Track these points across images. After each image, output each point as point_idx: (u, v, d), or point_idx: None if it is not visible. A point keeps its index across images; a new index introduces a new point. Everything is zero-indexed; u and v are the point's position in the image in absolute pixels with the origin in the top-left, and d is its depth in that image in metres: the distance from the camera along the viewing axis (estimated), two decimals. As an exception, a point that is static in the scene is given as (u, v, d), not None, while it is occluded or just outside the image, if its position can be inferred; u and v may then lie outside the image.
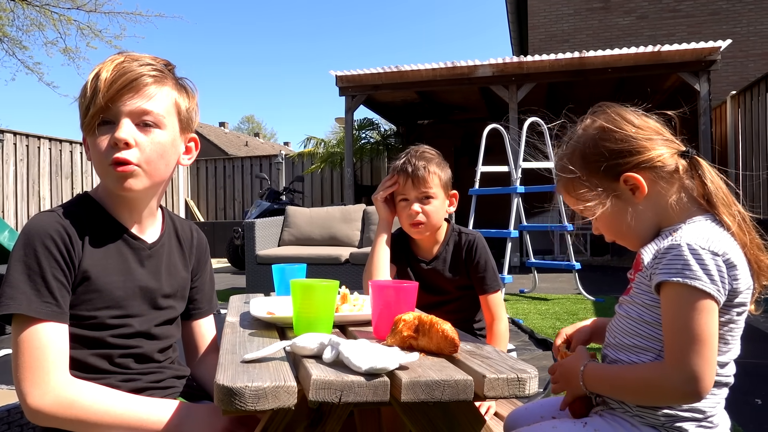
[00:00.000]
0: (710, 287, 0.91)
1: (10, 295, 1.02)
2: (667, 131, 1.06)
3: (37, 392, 1.00)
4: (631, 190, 1.03)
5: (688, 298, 0.91)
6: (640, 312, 1.02)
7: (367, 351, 0.87)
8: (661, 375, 0.93)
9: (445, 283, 1.78)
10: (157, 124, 1.13)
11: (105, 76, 1.08)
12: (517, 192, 5.41)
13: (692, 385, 0.90)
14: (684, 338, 0.91)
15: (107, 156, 1.09)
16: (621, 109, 1.08)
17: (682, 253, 0.93)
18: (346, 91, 8.73)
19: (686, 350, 0.90)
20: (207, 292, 1.38)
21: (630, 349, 1.03)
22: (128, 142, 1.09)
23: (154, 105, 1.12)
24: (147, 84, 1.11)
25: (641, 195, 1.03)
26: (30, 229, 1.07)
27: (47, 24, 14.41)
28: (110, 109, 1.09)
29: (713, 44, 7.30)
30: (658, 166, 1.02)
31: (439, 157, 1.77)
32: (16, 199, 8.67)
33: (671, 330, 0.93)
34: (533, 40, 12.29)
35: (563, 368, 1.11)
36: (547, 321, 4.29)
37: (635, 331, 1.02)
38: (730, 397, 1.02)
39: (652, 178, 1.02)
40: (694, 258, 0.92)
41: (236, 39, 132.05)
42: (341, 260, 5.37)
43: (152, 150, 1.12)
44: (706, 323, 0.91)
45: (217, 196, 12.04)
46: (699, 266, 0.91)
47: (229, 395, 0.79)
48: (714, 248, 0.92)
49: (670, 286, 0.93)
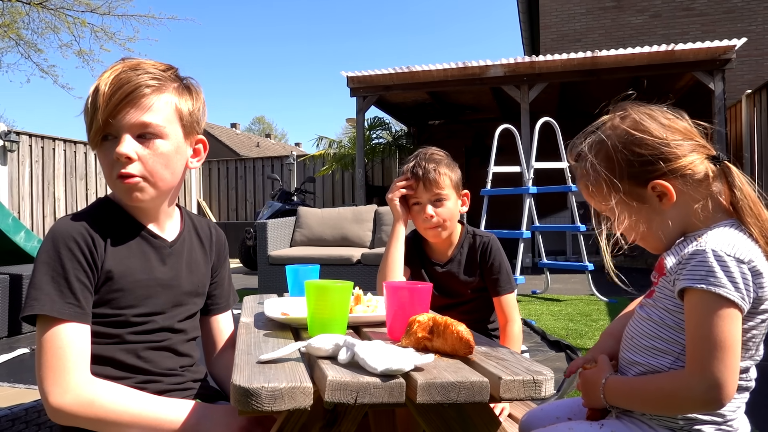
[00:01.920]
0: (735, 295, 0.89)
1: (35, 296, 1.05)
2: (697, 133, 1.03)
3: (58, 391, 1.02)
4: (658, 197, 1.00)
5: (711, 306, 0.90)
6: (662, 315, 1.00)
7: (383, 352, 0.87)
8: (683, 384, 0.92)
9: (459, 286, 1.77)
10: (159, 134, 1.13)
11: (103, 89, 1.09)
12: (530, 192, 5.38)
13: (714, 393, 0.88)
14: (707, 346, 0.89)
15: (113, 170, 1.12)
16: (648, 110, 1.04)
17: (707, 259, 0.91)
18: (358, 92, 8.74)
19: (709, 358, 0.89)
20: (226, 288, 1.40)
21: (648, 350, 1.01)
22: (129, 157, 1.10)
23: (153, 116, 1.11)
24: (145, 95, 1.10)
25: (669, 202, 1.00)
26: (54, 233, 1.09)
27: (62, 27, 14.59)
28: (111, 125, 1.10)
29: (728, 43, 7.23)
30: (687, 174, 0.99)
31: (447, 158, 1.77)
32: (31, 200, 8.78)
33: (694, 337, 0.91)
34: (545, 39, 12.23)
35: (585, 379, 1.09)
36: (560, 322, 4.27)
37: (655, 334, 1.01)
38: (750, 400, 1.01)
39: (680, 186, 0.99)
40: (719, 264, 0.90)
41: (247, 41, 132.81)
42: (353, 261, 5.37)
43: (155, 161, 1.13)
44: (730, 331, 0.89)
45: (229, 196, 12.10)
46: (724, 273, 0.90)
47: (245, 396, 0.79)
48: (739, 255, 0.91)
49: (693, 292, 0.92)
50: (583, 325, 4.12)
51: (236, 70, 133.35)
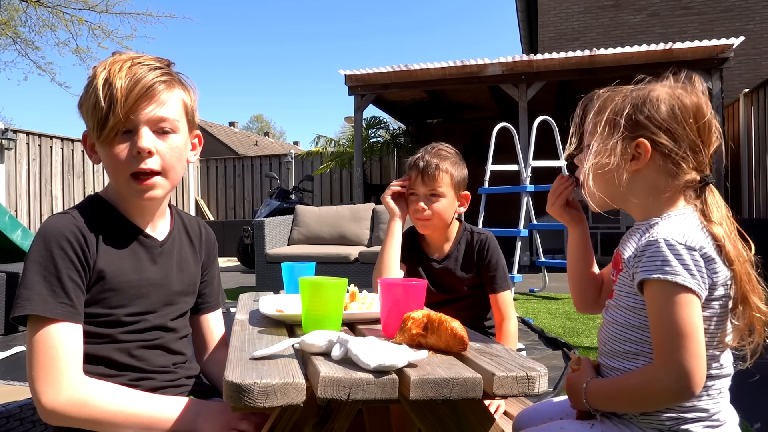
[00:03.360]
0: (691, 282, 0.91)
1: (26, 296, 1.03)
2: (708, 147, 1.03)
3: (51, 391, 1.01)
4: (633, 156, 1.01)
5: (669, 294, 0.91)
6: (627, 317, 1.01)
7: (376, 348, 0.87)
8: (652, 376, 0.93)
9: (456, 282, 1.78)
10: (173, 129, 1.14)
11: (120, 84, 1.07)
12: (527, 191, 5.39)
13: (683, 382, 0.89)
14: (670, 335, 0.91)
15: (129, 166, 1.10)
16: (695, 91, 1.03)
17: (660, 249, 0.93)
18: (356, 91, 8.73)
19: (673, 347, 0.90)
20: (216, 286, 1.39)
21: (622, 355, 1.02)
22: (151, 151, 1.10)
23: (168, 111, 1.13)
24: (160, 91, 1.11)
25: (635, 165, 1.01)
26: (45, 231, 1.08)
27: (59, 25, 14.57)
28: (130, 120, 1.09)
29: (726, 42, 7.22)
30: (673, 159, 1.00)
31: (455, 156, 1.77)
32: (28, 198, 8.76)
33: (657, 328, 0.93)
34: (543, 38, 12.22)
35: (568, 383, 1.11)
36: (557, 320, 4.27)
37: (625, 337, 1.02)
38: (738, 394, 1.01)
39: (655, 164, 1.00)
40: (672, 253, 0.92)
41: (245, 39, 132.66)
42: (350, 259, 5.38)
43: (171, 156, 1.14)
44: (690, 318, 0.90)
45: (227, 195, 12.09)
46: (678, 261, 0.91)
47: (237, 392, 0.79)
48: (690, 243, 0.92)
49: (651, 283, 0.93)
50: (581, 324, 4.12)
51: (234, 68, 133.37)
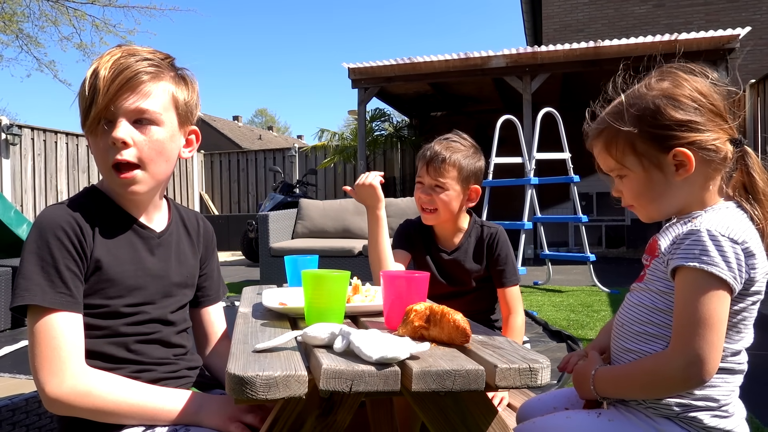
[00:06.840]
0: (727, 274, 0.89)
1: (25, 287, 1.03)
2: (726, 112, 1.00)
3: (55, 381, 1.02)
4: (675, 166, 0.98)
5: (702, 284, 0.90)
6: (654, 299, 1.00)
7: (378, 341, 0.87)
8: (664, 361, 0.92)
9: (464, 274, 1.77)
10: (155, 121, 1.13)
11: (103, 74, 1.08)
12: (531, 183, 5.37)
13: (694, 369, 0.89)
14: (692, 322, 0.90)
15: (109, 156, 1.10)
16: (691, 76, 1.02)
17: (701, 238, 0.91)
18: (359, 84, 8.71)
19: (692, 334, 0.89)
20: (215, 279, 1.39)
21: (640, 336, 1.01)
22: (126, 142, 1.09)
23: (150, 103, 1.12)
24: (143, 81, 1.11)
25: (685, 173, 0.98)
26: (41, 222, 1.08)
27: (62, 20, 14.56)
28: (109, 110, 1.09)
29: (732, 32, 7.17)
30: (710, 149, 0.97)
31: (468, 149, 1.73)
32: (34, 193, 8.79)
33: (681, 314, 0.92)
34: (547, 30, 12.16)
35: (576, 372, 1.10)
36: (562, 313, 4.27)
37: (647, 319, 1.00)
38: (747, 386, 1.01)
39: (699, 160, 0.97)
40: (713, 244, 0.90)
41: (249, 33, 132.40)
42: (354, 252, 5.38)
43: (150, 148, 1.12)
44: (716, 309, 0.89)
45: (231, 189, 12.11)
46: (718, 252, 0.90)
47: (240, 384, 0.79)
48: (734, 236, 0.91)
49: (686, 270, 0.92)
50: (585, 316, 4.12)
51: (239, 62, 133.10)
